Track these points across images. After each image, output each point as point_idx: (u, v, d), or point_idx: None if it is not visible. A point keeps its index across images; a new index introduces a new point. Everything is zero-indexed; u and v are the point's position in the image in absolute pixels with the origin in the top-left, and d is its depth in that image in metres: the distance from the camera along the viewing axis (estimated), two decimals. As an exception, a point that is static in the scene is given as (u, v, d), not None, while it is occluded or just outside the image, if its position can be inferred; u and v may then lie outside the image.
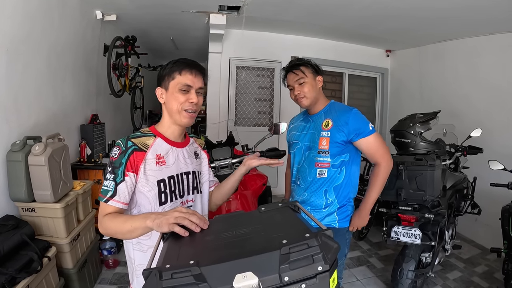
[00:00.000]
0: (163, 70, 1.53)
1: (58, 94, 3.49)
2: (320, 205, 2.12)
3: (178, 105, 1.48)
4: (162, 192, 1.47)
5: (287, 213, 1.15)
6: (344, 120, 2.05)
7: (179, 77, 1.47)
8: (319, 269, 0.84)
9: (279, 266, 0.83)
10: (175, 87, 1.48)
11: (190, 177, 1.58)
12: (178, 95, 1.47)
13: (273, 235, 0.96)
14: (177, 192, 1.52)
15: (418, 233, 2.77)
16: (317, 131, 2.13)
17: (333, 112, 2.14)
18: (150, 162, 1.45)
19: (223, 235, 1.04)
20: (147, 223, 1.18)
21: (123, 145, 1.43)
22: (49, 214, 2.70)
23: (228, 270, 0.83)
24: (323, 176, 2.10)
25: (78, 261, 2.94)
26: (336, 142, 2.06)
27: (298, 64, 2.16)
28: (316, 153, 2.11)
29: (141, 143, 1.46)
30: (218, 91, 5.60)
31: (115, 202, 1.37)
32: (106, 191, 1.38)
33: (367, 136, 2.04)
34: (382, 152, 2.07)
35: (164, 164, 1.49)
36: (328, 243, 0.88)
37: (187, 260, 0.87)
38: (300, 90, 2.12)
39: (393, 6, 3.89)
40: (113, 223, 1.32)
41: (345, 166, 2.11)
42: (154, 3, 4.19)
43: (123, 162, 1.40)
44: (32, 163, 2.60)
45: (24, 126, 2.88)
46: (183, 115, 1.49)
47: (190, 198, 1.58)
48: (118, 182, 1.38)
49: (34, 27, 2.99)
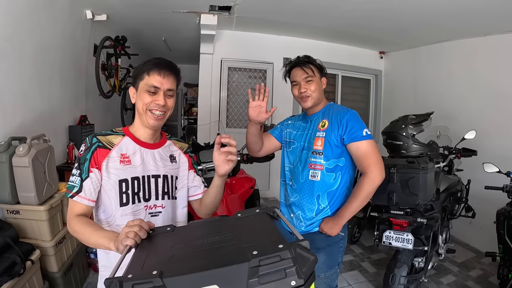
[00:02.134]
0: (135, 69, 1.50)
1: (45, 95, 3.44)
2: (312, 210, 2.04)
3: (143, 105, 1.44)
4: (124, 192, 1.43)
5: (264, 221, 1.09)
6: (340, 120, 1.98)
7: (147, 78, 1.43)
8: (292, 283, 0.78)
9: (247, 280, 0.78)
10: (143, 87, 1.44)
11: (159, 181, 1.52)
12: (144, 96, 1.43)
13: (244, 245, 0.89)
14: (141, 194, 1.47)
15: (411, 238, 2.71)
16: (313, 132, 2.07)
17: (330, 113, 2.07)
18: (113, 160, 1.43)
19: (193, 243, 0.99)
20: (110, 247, 1.17)
21: (89, 141, 1.43)
22: (33, 216, 2.68)
23: (192, 283, 0.78)
24: (315, 179, 2.01)
25: (64, 264, 2.91)
26: (330, 143, 1.98)
27: (308, 61, 2.08)
28: (310, 153, 2.04)
29: (106, 140, 1.45)
30: (209, 93, 5.57)
31: (81, 198, 1.37)
32: (72, 186, 1.39)
33: (359, 141, 1.93)
34: (371, 161, 1.93)
35: (129, 163, 1.45)
36: (304, 255, 0.82)
37: (151, 270, 0.82)
38: (307, 88, 2.04)
39: (386, 7, 3.88)
40: (80, 230, 1.31)
41: (341, 172, 2.02)
42: (144, 3, 4.16)
43: (87, 158, 1.40)
44: (16, 164, 2.56)
45: (9, 127, 2.84)
46: (148, 115, 1.45)
47: (159, 204, 1.51)
48: (83, 178, 1.38)
49: (19, 26, 2.94)
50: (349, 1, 3.84)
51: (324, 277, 2.04)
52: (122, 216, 1.42)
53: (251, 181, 3.00)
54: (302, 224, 2.07)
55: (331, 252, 2.04)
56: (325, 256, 2.02)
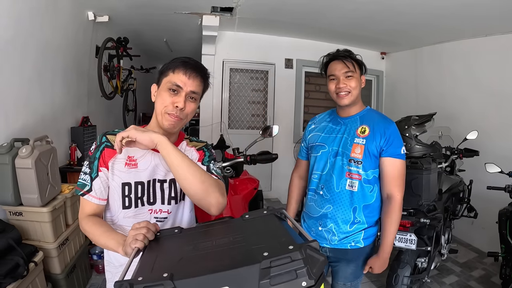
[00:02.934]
0: (162, 66, 1.43)
1: (47, 96, 3.45)
2: (346, 222, 1.90)
3: (162, 106, 1.36)
4: (126, 196, 1.40)
5: (272, 222, 1.09)
6: (383, 130, 1.85)
7: (171, 75, 1.36)
8: (303, 284, 0.78)
9: (258, 281, 0.78)
10: (165, 85, 1.37)
11: (165, 186, 1.45)
12: (164, 95, 1.36)
13: (254, 247, 0.90)
14: (145, 199, 1.42)
15: (414, 238, 2.71)
16: (350, 136, 1.90)
17: (370, 119, 1.92)
18: (119, 162, 1.39)
19: (202, 246, 0.99)
20: (118, 251, 1.18)
21: (99, 140, 1.42)
22: (36, 218, 2.67)
23: (203, 285, 0.79)
24: (353, 190, 1.88)
25: (67, 266, 2.91)
26: (370, 153, 1.85)
27: (349, 55, 1.92)
28: (347, 161, 1.88)
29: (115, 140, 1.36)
30: (211, 94, 5.55)
31: (91, 197, 1.37)
32: (83, 184, 1.38)
33: (396, 158, 1.84)
34: (401, 182, 1.86)
35: (135, 167, 1.40)
36: (314, 256, 0.83)
37: (161, 273, 0.82)
38: (347, 83, 1.87)
39: (387, 7, 3.88)
40: (91, 230, 1.33)
41: (377, 185, 1.91)
42: (146, 4, 4.16)
43: (96, 157, 1.38)
44: (19, 166, 2.55)
45: (11, 128, 2.84)
46: (165, 118, 1.36)
47: (164, 209, 1.45)
48: (93, 178, 1.38)
49: (23, 28, 2.95)
50: (351, 1, 3.84)
51: (349, 285, 2.01)
52: (125, 218, 1.41)
53: (255, 182, 2.99)
54: (335, 238, 1.92)
55: (360, 262, 1.98)
56: (354, 267, 1.97)
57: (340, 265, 1.98)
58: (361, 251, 1.93)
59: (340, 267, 1.99)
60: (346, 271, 1.97)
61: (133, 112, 6.09)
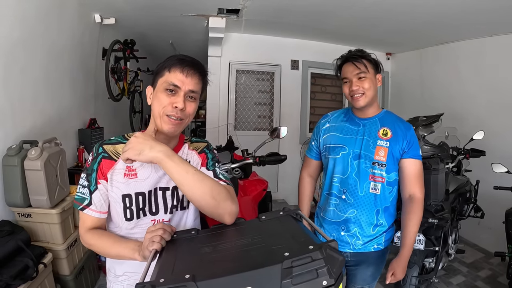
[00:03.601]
0: (157, 66, 1.34)
1: (55, 98, 3.47)
2: (369, 225, 1.90)
3: (160, 108, 1.27)
4: (127, 208, 1.33)
5: (288, 223, 1.10)
6: (404, 133, 1.87)
7: (168, 75, 1.27)
8: (323, 283, 0.79)
9: (280, 281, 0.79)
10: (161, 85, 1.28)
11: (167, 194, 1.37)
12: (161, 96, 1.27)
13: (274, 247, 0.91)
14: (147, 209, 1.35)
15: (422, 238, 2.71)
16: (372, 139, 1.88)
17: (390, 122, 1.92)
18: (118, 173, 1.31)
19: (221, 247, 1.00)
20: (135, 257, 1.16)
21: (95, 151, 1.33)
22: (45, 219, 2.69)
23: (226, 286, 0.80)
24: (376, 193, 1.88)
25: (75, 267, 2.94)
26: (393, 155, 1.85)
27: (361, 55, 1.89)
28: (370, 163, 1.87)
29: (113, 150, 1.33)
30: (217, 95, 5.58)
31: (92, 211, 1.31)
32: (82, 198, 1.31)
33: (417, 159, 1.87)
34: (421, 182, 1.89)
35: (134, 177, 1.32)
36: (333, 256, 0.84)
37: (183, 274, 0.83)
38: (360, 85, 1.84)
39: (391, 9, 3.90)
40: (97, 243, 1.29)
41: (395, 186, 1.93)
42: (153, 6, 4.18)
43: (94, 169, 1.30)
44: (28, 168, 2.57)
45: (20, 130, 2.86)
46: (164, 120, 1.27)
47: (167, 218, 1.37)
48: (92, 191, 1.30)
49: (31, 30, 2.98)
50: (356, 4, 3.86)
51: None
52: (127, 230, 1.35)
53: (264, 183, 3.00)
54: (359, 242, 1.92)
55: (379, 263, 1.99)
56: (373, 270, 1.97)
57: (360, 268, 1.97)
58: (381, 252, 1.96)
59: (360, 270, 1.98)
60: (365, 273, 1.97)
61: (140, 114, 6.11)
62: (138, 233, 1.34)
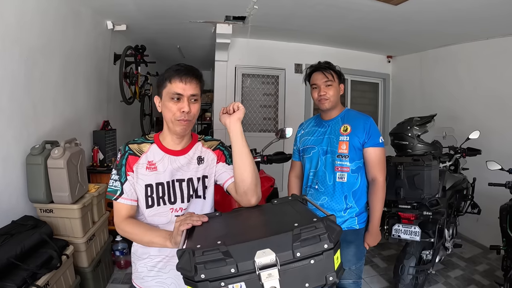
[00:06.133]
0: (158, 79, 1.55)
1: (72, 101, 3.65)
2: (340, 209, 2.19)
3: (171, 115, 1.47)
4: (149, 196, 1.52)
5: (296, 205, 1.30)
6: (362, 126, 2.15)
7: (169, 86, 1.46)
8: (325, 246, 1.01)
9: (292, 243, 1.00)
10: (166, 95, 1.48)
11: (183, 185, 1.57)
12: (169, 104, 1.47)
13: (286, 220, 1.13)
14: (166, 198, 1.54)
15: (418, 231, 2.89)
16: (335, 136, 2.20)
17: (350, 118, 2.23)
18: (141, 167, 1.52)
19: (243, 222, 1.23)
20: (167, 244, 1.32)
21: (123, 149, 1.55)
22: (66, 214, 2.83)
23: (250, 248, 0.99)
24: (343, 181, 2.18)
25: (93, 260, 3.06)
26: (354, 147, 2.15)
27: (329, 67, 2.24)
28: (335, 157, 2.18)
29: (137, 148, 1.55)
30: (224, 98, 5.70)
31: (124, 199, 1.50)
32: (114, 190, 1.51)
33: (376, 147, 2.15)
34: (382, 167, 2.17)
35: (154, 170, 1.53)
36: (333, 226, 1.05)
37: (215, 241, 1.03)
38: (326, 91, 2.18)
39: (391, 15, 4.01)
40: (132, 231, 1.46)
41: (361, 172, 2.21)
42: (163, 14, 4.31)
43: (123, 163, 1.52)
44: (51, 166, 2.73)
45: (41, 131, 3.03)
46: (176, 124, 1.48)
47: (184, 207, 1.56)
48: (123, 182, 1.51)
49: (50, 37, 3.15)
50: (356, 11, 3.97)
51: (354, 269, 2.24)
52: (149, 217, 1.55)
53: (271, 180, 3.17)
54: None
55: (359, 244, 2.23)
56: (354, 249, 2.21)
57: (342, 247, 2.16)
58: (357, 232, 2.23)
59: (342, 250, 2.16)
60: (348, 254, 2.21)
61: (149, 117, 6.29)
62: (157, 221, 1.54)
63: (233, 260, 0.97)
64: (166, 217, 1.54)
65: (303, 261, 0.99)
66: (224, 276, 0.97)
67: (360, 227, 2.23)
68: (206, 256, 0.97)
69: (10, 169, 2.68)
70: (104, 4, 3.88)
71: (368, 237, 2.23)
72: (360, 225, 2.23)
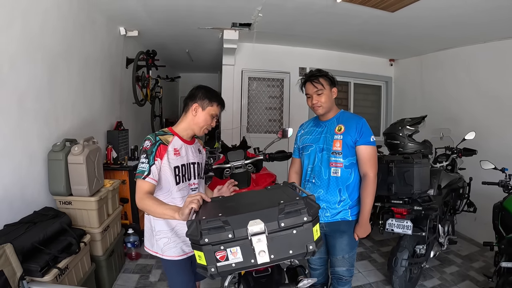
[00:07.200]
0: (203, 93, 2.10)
1: (89, 103, 3.89)
2: (335, 201, 2.37)
3: (204, 124, 2.10)
4: (177, 175, 2.03)
5: (286, 190, 1.56)
6: (355, 126, 2.33)
7: (214, 107, 2.09)
8: (304, 219, 1.26)
9: (277, 215, 1.26)
10: (208, 112, 2.09)
11: (195, 166, 2.16)
12: (208, 118, 2.10)
13: (274, 199, 1.37)
14: (186, 176, 2.10)
15: (410, 225, 3.08)
16: (331, 135, 2.39)
17: (344, 119, 2.41)
18: (170, 153, 2.02)
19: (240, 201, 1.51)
20: (175, 216, 1.60)
21: (153, 139, 1.98)
22: (84, 206, 3.06)
23: (244, 219, 1.27)
24: (337, 175, 2.35)
25: (107, 250, 3.28)
26: (347, 145, 2.33)
27: (318, 75, 2.40)
28: (330, 154, 2.36)
29: (164, 139, 2.02)
30: (231, 101, 5.85)
31: (150, 179, 1.89)
32: (142, 171, 1.89)
33: (367, 145, 2.32)
34: (373, 163, 2.33)
35: (179, 155, 2.05)
36: (311, 203, 1.31)
37: (216, 214, 1.30)
38: (318, 100, 2.38)
39: (392, 21, 4.16)
40: (149, 203, 1.78)
41: (354, 168, 2.38)
42: (173, 20, 4.51)
43: (153, 150, 1.94)
44: (72, 162, 2.97)
45: (61, 130, 3.27)
46: (203, 130, 2.15)
47: (195, 182, 2.18)
48: (151, 165, 1.91)
49: (70, 43, 3.39)
50: (358, 17, 4.11)
51: (348, 257, 2.45)
52: (177, 192, 2.06)
53: (272, 176, 3.39)
54: (328, 214, 2.39)
55: (352, 235, 2.42)
56: (348, 239, 2.41)
57: (336, 237, 2.44)
58: (350, 223, 2.41)
59: (336, 239, 2.44)
60: (342, 243, 2.43)
61: (159, 118, 6.53)
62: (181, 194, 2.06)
63: (231, 228, 1.24)
64: (186, 190, 2.10)
65: (287, 231, 1.25)
66: (223, 240, 1.24)
67: (353, 218, 2.40)
68: (209, 224, 1.24)
69: (34, 165, 2.90)
70: (118, 12, 4.14)
71: (357, 228, 2.38)
72: (353, 217, 2.40)
